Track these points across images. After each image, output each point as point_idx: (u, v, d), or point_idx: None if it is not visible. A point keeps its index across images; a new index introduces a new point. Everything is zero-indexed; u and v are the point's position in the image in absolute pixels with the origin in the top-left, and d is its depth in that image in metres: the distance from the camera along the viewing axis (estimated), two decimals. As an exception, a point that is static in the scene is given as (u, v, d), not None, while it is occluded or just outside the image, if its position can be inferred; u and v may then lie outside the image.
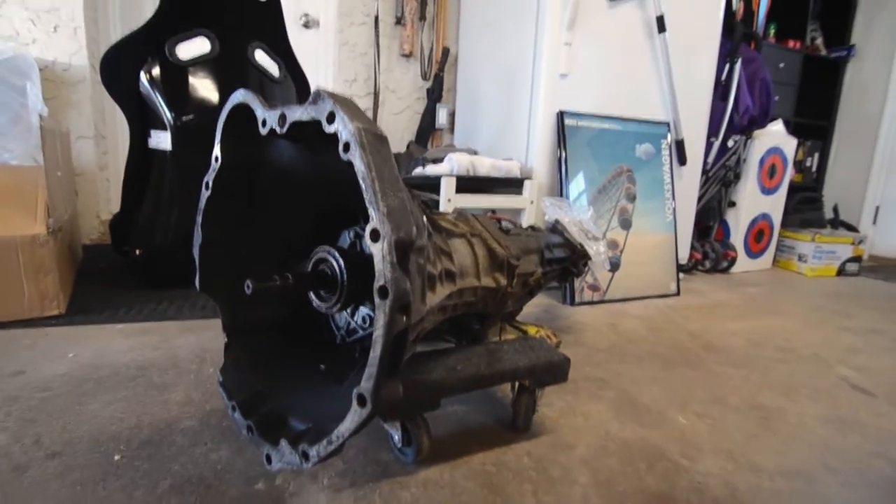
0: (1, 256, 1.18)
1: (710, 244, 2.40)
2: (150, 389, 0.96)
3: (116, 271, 1.67)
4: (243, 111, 0.61)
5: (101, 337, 1.20)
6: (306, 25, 2.41)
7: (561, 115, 1.77)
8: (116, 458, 0.74)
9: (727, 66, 2.16)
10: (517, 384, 0.84)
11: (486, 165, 1.71)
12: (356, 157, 0.45)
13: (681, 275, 2.02)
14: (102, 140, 2.20)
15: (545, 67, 1.76)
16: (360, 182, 0.45)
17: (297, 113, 0.52)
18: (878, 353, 1.43)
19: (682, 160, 2.02)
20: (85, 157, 2.13)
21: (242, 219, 0.70)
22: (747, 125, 2.27)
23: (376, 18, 2.46)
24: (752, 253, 2.54)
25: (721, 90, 2.17)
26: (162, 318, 1.33)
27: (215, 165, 0.66)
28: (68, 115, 2.05)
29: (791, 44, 2.82)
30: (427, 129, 2.62)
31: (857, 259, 2.59)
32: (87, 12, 2.01)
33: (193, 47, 1.40)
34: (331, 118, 0.48)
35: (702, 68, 2.04)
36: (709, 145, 2.21)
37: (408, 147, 2.41)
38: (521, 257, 0.93)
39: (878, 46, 2.94)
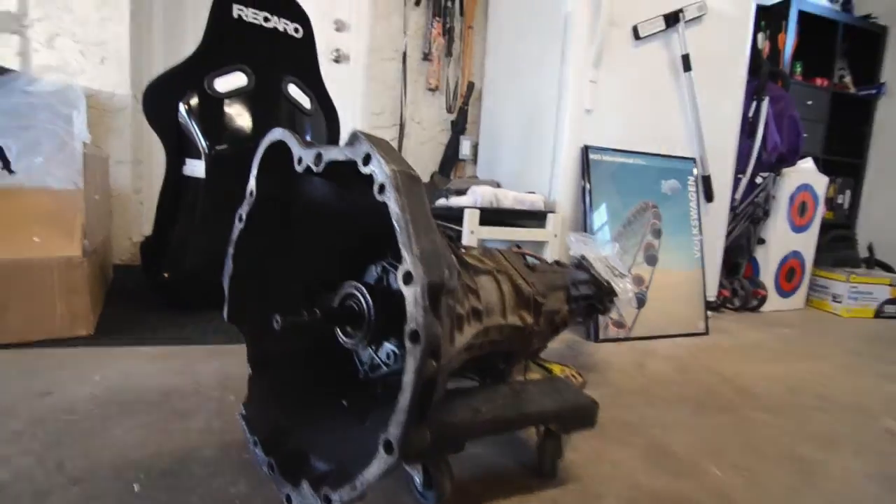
0: (37, 276, 1.22)
1: (739, 282, 2.33)
2: (172, 416, 0.96)
3: (145, 293, 1.71)
4: (279, 147, 0.63)
5: (127, 359, 1.21)
6: (337, 60, 2.50)
7: (586, 150, 1.77)
8: (136, 487, 0.74)
9: (754, 104, 2.14)
10: (543, 427, 0.81)
11: (509, 198, 1.72)
12: (391, 200, 0.45)
13: (709, 313, 1.96)
14: (139, 165, 2.29)
15: (570, 103, 1.77)
16: (395, 224, 0.45)
17: (334, 153, 0.53)
18: (924, 404, 1.35)
19: (709, 196, 1.99)
20: (121, 181, 2.22)
21: (273, 251, 0.70)
22: (776, 162, 2.24)
23: (404, 55, 2.54)
24: (784, 292, 2.46)
25: (748, 127, 2.15)
26: (187, 342, 1.35)
27: (250, 199, 0.67)
28: (109, 141, 2.15)
29: (819, 81, 2.80)
30: (451, 160, 2.66)
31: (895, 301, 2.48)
32: (133, 45, 2.12)
33: (231, 81, 1.47)
34: (367, 160, 0.49)
35: (728, 105, 2.04)
36: (736, 182, 2.18)
37: (431, 177, 2.44)
38: (547, 295, 0.92)
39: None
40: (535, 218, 1.79)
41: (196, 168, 1.46)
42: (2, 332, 1.18)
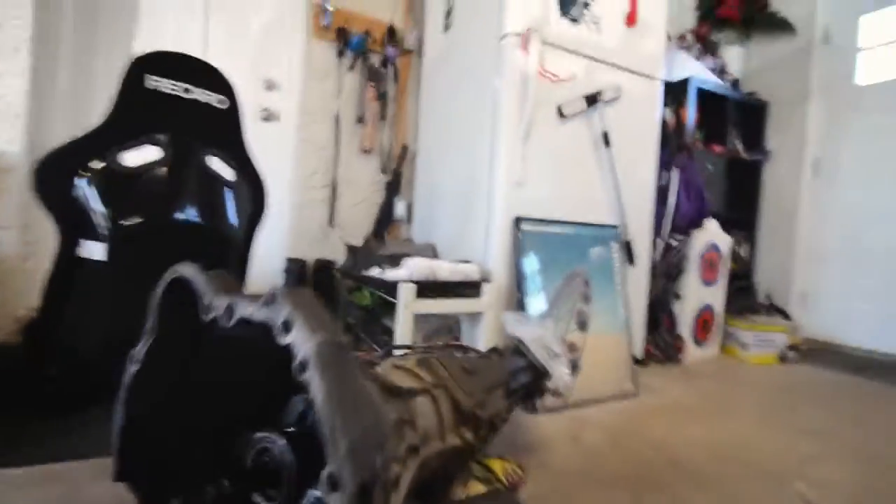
0: None
1: (660, 335, 2.46)
2: None
3: (24, 386, 1.46)
4: (185, 282, 0.56)
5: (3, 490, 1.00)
6: (266, 119, 2.43)
7: (517, 221, 1.82)
8: None
9: (665, 173, 2.34)
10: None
11: (445, 270, 1.71)
12: (314, 381, 0.40)
13: (637, 368, 2.04)
14: (27, 230, 2.02)
15: (501, 176, 1.83)
16: (317, 410, 0.40)
17: (249, 310, 0.47)
18: (831, 460, 1.45)
19: (631, 260, 2.10)
20: (6, 248, 1.95)
21: (175, 394, 0.61)
22: (686, 225, 2.43)
23: (337, 117, 2.53)
24: (701, 341, 2.63)
25: (661, 195, 2.33)
26: (74, 455, 1.15)
27: (148, 338, 0.58)
28: (-4, 206, 1.89)
29: (717, 149, 3.14)
30: (385, 221, 2.63)
31: (794, 347, 2.73)
32: (32, 103, 1.92)
33: (141, 155, 1.35)
34: (287, 326, 0.43)
35: (644, 174, 2.20)
36: (655, 245, 2.34)
37: (366, 242, 2.39)
38: (486, 400, 0.89)
39: (788, 152, 3.32)
40: (471, 287, 1.78)
41: (93, 249, 1.30)
42: None
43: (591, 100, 1.97)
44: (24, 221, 1.99)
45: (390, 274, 1.70)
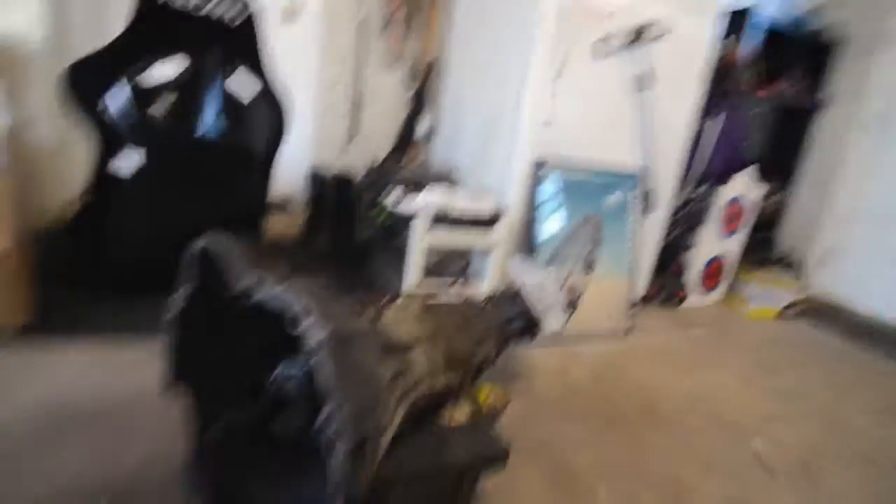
0: None
1: (666, 279, 2.53)
2: (114, 437, 0.99)
3: (74, 272, 1.64)
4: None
5: (61, 361, 1.20)
6: (287, 18, 2.30)
7: (538, 162, 1.81)
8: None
9: (704, 120, 2.23)
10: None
11: (459, 205, 1.75)
12: (323, 365, 0.49)
13: (636, 307, 2.14)
14: (57, 120, 2.08)
15: (528, 114, 1.78)
16: (325, 387, 0.50)
17: (266, 296, 0.55)
18: (793, 421, 1.59)
19: (651, 208, 2.10)
20: (41, 139, 2.03)
21: (211, 330, 0.73)
22: (717, 176, 2.37)
23: (362, 22, 2.40)
24: (706, 289, 2.69)
25: (698, 142, 2.24)
26: (125, 337, 1.33)
27: (187, 286, 0.69)
28: (25, 95, 1.93)
29: (768, 92, 2.90)
30: (406, 138, 2.61)
31: (793, 305, 2.78)
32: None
33: (164, 70, 1.37)
34: (302, 314, 0.52)
35: (680, 121, 2.10)
36: (679, 193, 2.30)
37: (384, 161, 2.41)
38: (477, 349, 1.00)
39: (847, 102, 3.06)
40: (484, 222, 1.84)
41: (124, 162, 1.39)
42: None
43: (634, 36, 1.83)
44: (54, 112, 2.05)
45: (405, 205, 1.75)
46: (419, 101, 2.61)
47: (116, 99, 1.37)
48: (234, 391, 0.75)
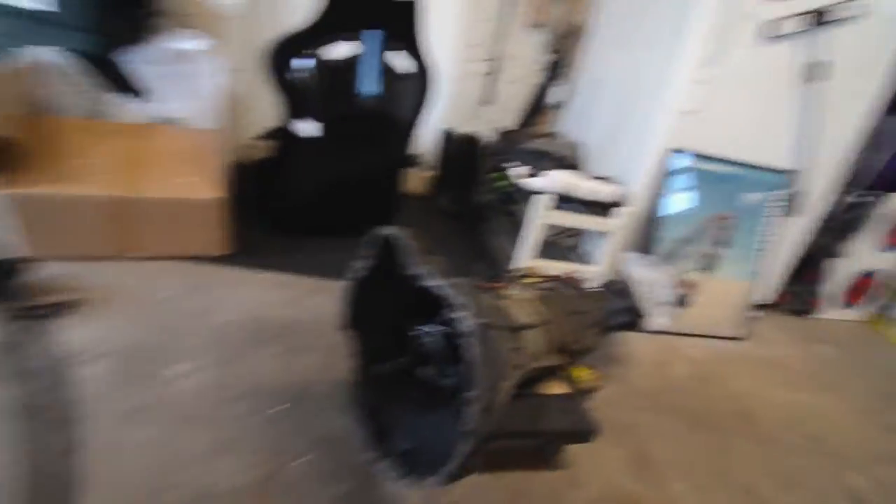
0: (186, 211, 1.53)
1: (799, 288, 2.34)
2: (291, 350, 1.32)
3: (256, 213, 1.99)
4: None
5: (253, 285, 1.56)
6: None
7: (673, 152, 1.77)
8: (277, 409, 1.12)
9: (885, 119, 1.92)
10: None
11: (583, 189, 1.80)
12: (470, 348, 0.67)
13: (758, 313, 2.06)
14: (243, 73, 2.43)
15: (668, 99, 1.72)
16: (469, 364, 0.68)
17: (432, 283, 0.74)
18: (909, 464, 1.49)
19: (796, 212, 1.94)
20: (239, 86, 2.44)
21: (379, 286, 0.96)
22: (889, 183, 2.07)
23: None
24: (848, 304, 2.44)
25: (872, 143, 1.96)
26: (297, 270, 1.67)
27: (367, 260, 0.91)
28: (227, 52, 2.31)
29: None
30: (537, 106, 2.64)
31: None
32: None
33: (341, 49, 1.60)
34: (458, 307, 0.70)
35: (851, 119, 1.85)
36: (836, 197, 2.07)
37: (512, 130, 2.48)
38: (582, 337, 1.13)
39: None
40: (605, 207, 1.87)
41: (305, 125, 1.67)
42: (160, 248, 1.54)
43: (817, 17, 1.62)
44: (243, 66, 2.43)
45: (527, 182, 1.85)
46: (556, 68, 2.59)
47: (302, 71, 1.64)
48: (387, 340, 0.98)
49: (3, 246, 1.33)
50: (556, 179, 1.80)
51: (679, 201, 1.82)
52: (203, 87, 1.64)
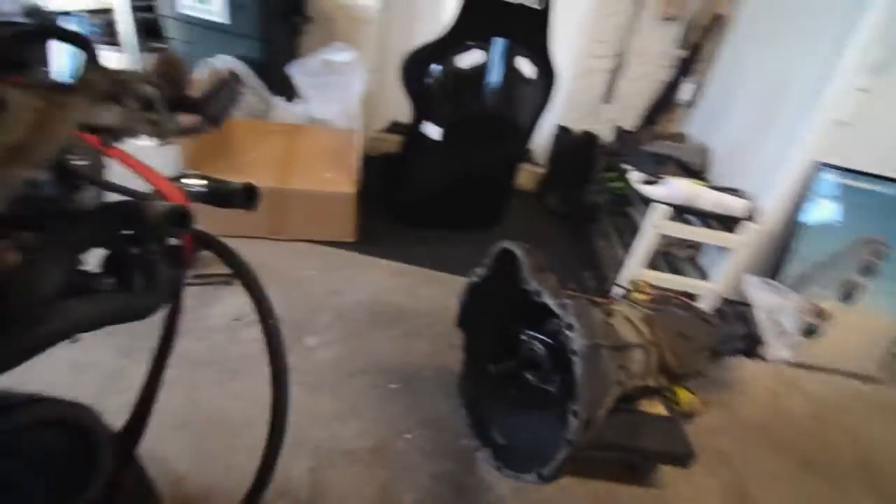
0: (325, 202, 1.76)
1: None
2: (407, 334, 1.48)
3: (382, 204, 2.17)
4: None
5: (376, 271, 1.75)
6: None
7: (820, 166, 1.60)
8: (392, 386, 1.28)
9: None
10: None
11: (708, 202, 1.71)
12: (578, 367, 0.74)
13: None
14: (378, 73, 2.61)
15: (821, 108, 1.55)
16: (576, 380, 0.74)
17: (546, 299, 0.81)
18: None
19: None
20: (370, 86, 2.64)
21: (490, 301, 1.05)
22: None
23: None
24: None
25: None
26: (417, 261, 1.82)
27: (488, 267, 1.00)
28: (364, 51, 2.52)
29: None
30: (663, 104, 2.50)
31: None
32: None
33: (471, 58, 1.67)
34: (569, 327, 0.76)
35: None
36: None
37: (633, 130, 2.38)
38: (690, 361, 1.12)
39: None
40: (731, 222, 1.75)
41: (432, 129, 1.79)
42: (301, 232, 1.79)
43: None
44: (377, 67, 2.62)
45: (648, 189, 1.80)
46: (687, 65, 2.43)
47: (432, 77, 1.76)
48: (494, 338, 1.07)
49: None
50: (677, 188, 1.73)
51: (821, 221, 1.65)
52: (346, 93, 1.84)
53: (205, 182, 0.51)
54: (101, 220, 0.40)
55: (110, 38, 2.13)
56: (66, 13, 2.06)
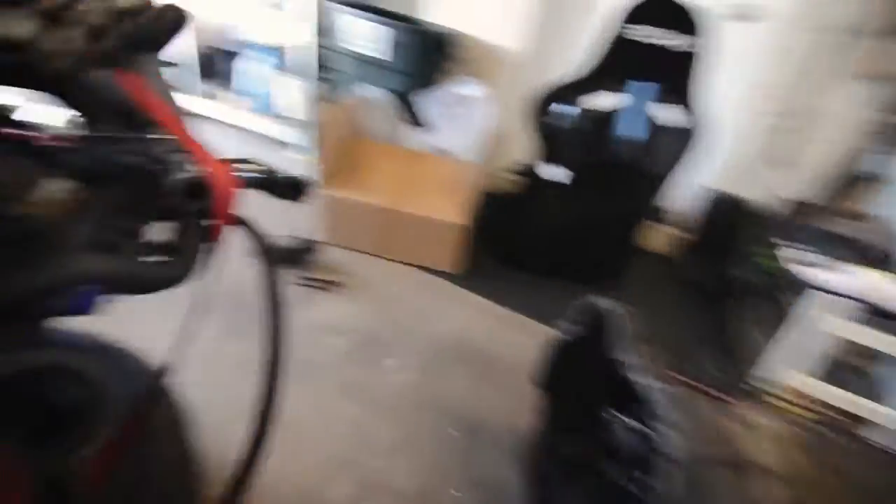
0: (436, 228, 1.75)
1: None
2: (483, 379, 1.36)
3: (491, 242, 2.07)
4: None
5: (469, 306, 1.68)
6: (740, 17, 2.06)
7: None
8: (453, 432, 1.17)
9: None
10: None
11: (891, 297, 1.30)
12: (668, 473, 0.55)
13: None
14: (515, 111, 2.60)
15: None
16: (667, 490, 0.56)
17: (638, 377, 0.64)
18: None
19: None
20: (505, 123, 2.64)
21: (575, 368, 0.90)
22: None
23: (839, 27, 1.92)
24: None
25: None
26: (515, 306, 1.71)
27: (577, 329, 0.86)
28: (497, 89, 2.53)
29: None
30: (847, 179, 2.05)
31: None
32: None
33: (608, 100, 1.56)
34: (664, 422, 0.58)
35: None
36: None
37: (804, 203, 1.98)
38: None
39: None
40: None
41: (554, 170, 1.70)
42: (406, 255, 1.81)
43: None
44: (510, 105, 2.57)
45: (813, 271, 1.44)
46: (889, 133, 1.97)
47: (563, 118, 1.68)
48: (576, 410, 0.90)
49: (308, 230, 1.77)
50: (860, 279, 1.36)
51: None
52: (473, 126, 1.85)
53: (259, 168, 0.49)
54: (128, 184, 0.40)
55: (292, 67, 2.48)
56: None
